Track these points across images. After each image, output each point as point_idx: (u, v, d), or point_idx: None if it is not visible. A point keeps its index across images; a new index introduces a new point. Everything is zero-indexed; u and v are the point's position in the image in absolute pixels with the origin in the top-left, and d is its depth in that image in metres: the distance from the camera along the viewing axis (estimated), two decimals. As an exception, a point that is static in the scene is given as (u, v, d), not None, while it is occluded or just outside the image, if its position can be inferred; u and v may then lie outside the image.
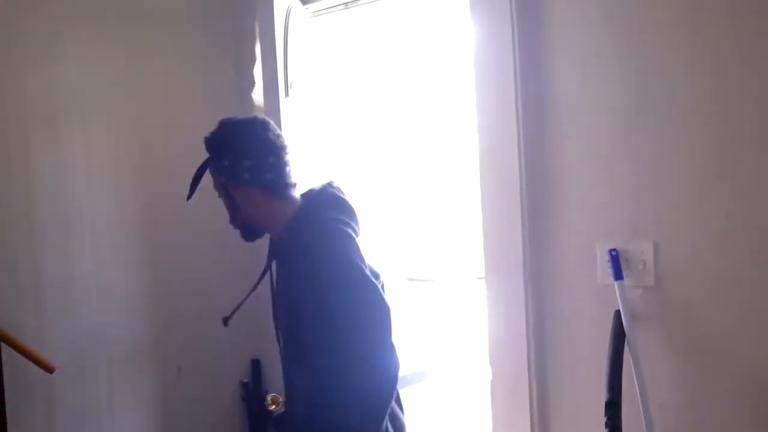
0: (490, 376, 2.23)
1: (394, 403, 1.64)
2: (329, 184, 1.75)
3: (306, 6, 2.63)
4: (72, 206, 2.29)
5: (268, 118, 1.75)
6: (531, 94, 2.07)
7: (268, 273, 1.72)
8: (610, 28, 1.94)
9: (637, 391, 1.84)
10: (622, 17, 1.92)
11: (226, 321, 1.72)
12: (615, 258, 1.91)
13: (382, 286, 1.84)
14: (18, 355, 2.03)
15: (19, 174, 2.16)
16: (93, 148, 2.35)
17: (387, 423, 1.57)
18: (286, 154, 1.70)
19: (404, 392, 1.84)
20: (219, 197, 1.71)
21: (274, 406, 1.93)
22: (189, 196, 1.68)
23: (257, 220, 1.69)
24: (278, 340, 1.73)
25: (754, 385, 1.78)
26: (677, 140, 1.85)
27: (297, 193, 1.72)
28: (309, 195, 1.71)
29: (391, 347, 1.55)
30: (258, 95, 2.67)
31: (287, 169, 1.69)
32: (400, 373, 1.57)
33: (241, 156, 1.66)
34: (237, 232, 1.72)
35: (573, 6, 2.00)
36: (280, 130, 1.71)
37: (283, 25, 2.55)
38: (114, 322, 2.38)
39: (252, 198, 1.67)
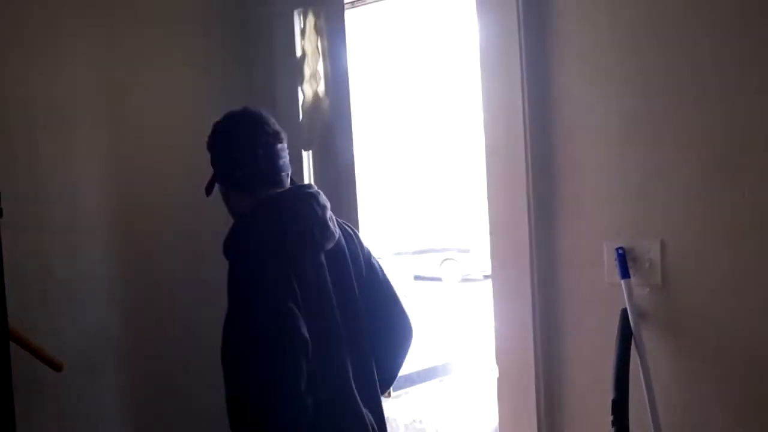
0: (496, 374, 2.23)
1: None
2: (294, 188, 1.70)
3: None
4: (79, 204, 2.31)
5: (253, 111, 1.71)
6: (537, 92, 2.07)
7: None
8: (616, 26, 1.94)
9: (644, 389, 1.84)
10: (628, 15, 1.91)
11: None
12: (622, 256, 1.91)
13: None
14: (26, 353, 2.04)
15: (26, 173, 2.18)
16: (100, 146, 2.36)
17: None
18: (256, 149, 1.65)
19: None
20: None
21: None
22: (207, 193, 1.70)
23: (234, 214, 1.69)
24: None
25: (761, 384, 1.77)
26: (684, 138, 1.85)
27: (275, 188, 1.67)
28: (264, 197, 1.64)
29: (289, 384, 1.46)
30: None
31: (260, 166, 1.64)
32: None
33: (212, 153, 1.70)
34: None
35: (579, 4, 1.99)
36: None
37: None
38: (122, 321, 2.39)
39: (229, 194, 1.70)
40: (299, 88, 2.53)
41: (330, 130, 2.36)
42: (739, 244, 1.78)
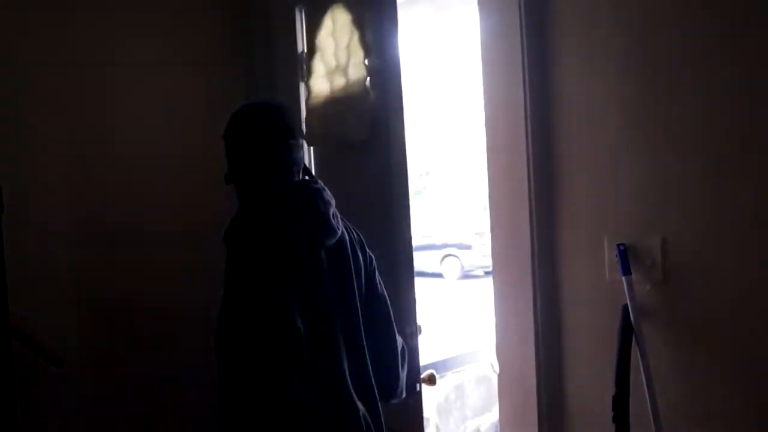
0: (497, 370, 2.24)
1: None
2: (300, 182, 1.72)
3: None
4: (83, 203, 2.31)
5: (270, 105, 1.74)
6: (539, 89, 2.07)
7: None
8: (617, 26, 1.93)
9: (645, 385, 1.84)
10: (629, 14, 1.91)
11: None
12: (623, 253, 1.91)
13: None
14: (26, 349, 2.05)
15: (25, 170, 2.18)
16: (98, 146, 2.35)
17: None
18: (266, 143, 1.67)
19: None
20: None
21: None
22: (227, 182, 1.72)
23: (241, 205, 1.70)
24: None
25: (761, 381, 1.78)
26: (686, 135, 1.85)
27: (283, 182, 1.69)
28: (269, 190, 1.66)
29: (281, 374, 1.48)
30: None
31: (269, 159, 1.67)
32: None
33: (225, 144, 1.72)
34: None
35: (580, 3, 1.99)
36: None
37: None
38: (117, 319, 2.39)
39: (238, 185, 1.71)
40: (301, 85, 2.52)
41: (376, 124, 2.26)
42: (741, 241, 1.78)
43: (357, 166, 2.32)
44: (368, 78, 2.26)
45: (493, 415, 4.36)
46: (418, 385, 2.11)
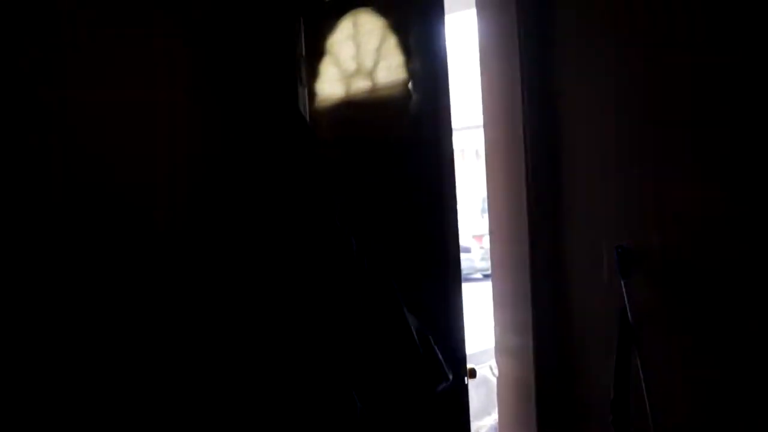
0: (496, 373, 2.23)
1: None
2: (302, 185, 1.73)
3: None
4: (81, 210, 2.31)
5: (276, 109, 1.75)
6: (537, 92, 2.07)
7: None
8: (614, 29, 1.94)
9: (644, 388, 1.84)
10: (625, 18, 1.92)
11: None
12: (621, 256, 1.91)
13: None
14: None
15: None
16: (92, 148, 2.35)
17: None
18: (272, 152, 1.68)
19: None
20: None
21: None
22: None
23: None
24: None
25: (761, 383, 1.77)
26: (684, 138, 1.85)
27: None
28: (270, 192, 1.68)
29: None
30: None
31: (272, 167, 1.67)
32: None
33: None
34: None
35: (579, 5, 2.00)
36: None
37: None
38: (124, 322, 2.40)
39: None
40: (300, 88, 2.51)
41: (419, 125, 2.23)
42: (740, 245, 1.78)
43: (399, 166, 2.26)
44: (410, 80, 2.24)
45: (492, 418, 4.36)
46: (466, 378, 2.09)
